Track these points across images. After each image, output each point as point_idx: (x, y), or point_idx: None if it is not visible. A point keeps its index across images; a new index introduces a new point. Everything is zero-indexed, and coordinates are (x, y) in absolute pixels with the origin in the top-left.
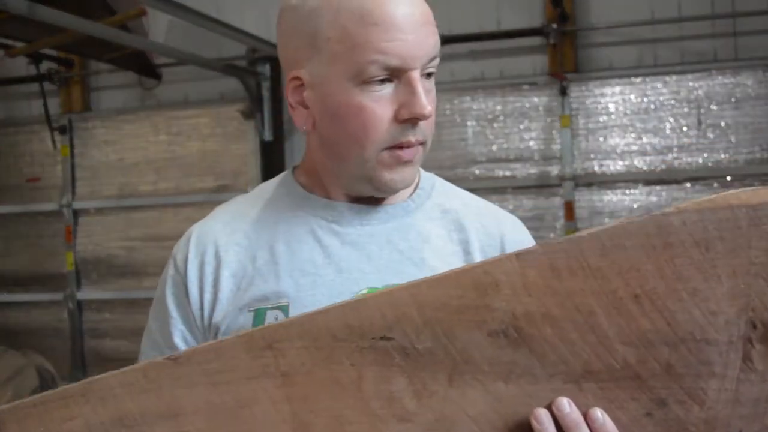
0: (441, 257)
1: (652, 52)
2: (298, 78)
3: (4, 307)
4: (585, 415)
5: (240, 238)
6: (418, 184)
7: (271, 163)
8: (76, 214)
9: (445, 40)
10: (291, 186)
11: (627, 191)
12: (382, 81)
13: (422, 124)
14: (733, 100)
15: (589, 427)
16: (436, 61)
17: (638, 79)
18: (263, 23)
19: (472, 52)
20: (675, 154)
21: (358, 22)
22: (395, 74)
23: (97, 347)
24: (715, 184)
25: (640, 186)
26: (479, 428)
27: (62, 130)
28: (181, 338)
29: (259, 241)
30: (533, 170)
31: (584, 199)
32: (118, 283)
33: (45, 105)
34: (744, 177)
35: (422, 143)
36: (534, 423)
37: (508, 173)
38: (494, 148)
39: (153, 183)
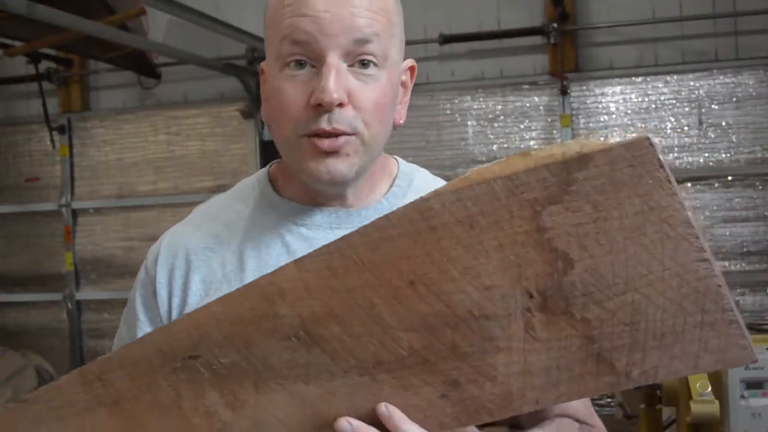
0: None
1: (652, 51)
2: (263, 70)
3: (3, 308)
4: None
5: (211, 242)
6: (394, 182)
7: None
8: (75, 214)
9: (446, 39)
10: (265, 187)
11: None
12: (300, 64)
13: (344, 111)
14: (734, 99)
15: (379, 424)
16: (370, 47)
17: (639, 79)
18: (262, 23)
19: (472, 52)
20: (676, 154)
21: (278, 4)
22: (312, 57)
23: (96, 347)
24: (716, 184)
25: None
26: (288, 430)
27: (61, 130)
28: None
29: (230, 246)
30: None
31: None
32: (117, 283)
33: (44, 104)
34: (745, 177)
35: (348, 134)
36: None
37: None
38: (494, 147)
39: (152, 183)
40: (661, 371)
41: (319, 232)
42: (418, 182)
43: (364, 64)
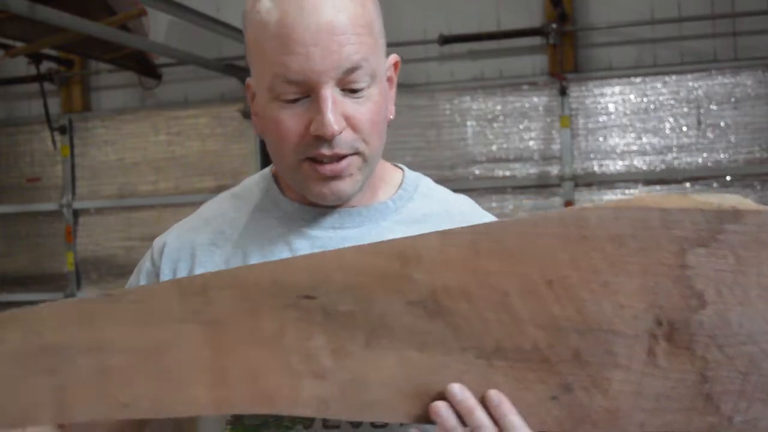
0: None
1: (651, 52)
2: (249, 86)
3: (5, 307)
4: (483, 395)
5: (217, 238)
6: (401, 185)
7: (271, 163)
8: (76, 213)
9: (445, 40)
10: (270, 185)
11: (627, 191)
12: (296, 98)
13: (343, 136)
14: (732, 100)
15: (487, 408)
16: (360, 74)
17: (638, 79)
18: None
19: (471, 52)
20: (674, 154)
21: (262, 35)
22: (306, 88)
23: None
24: (715, 184)
25: (639, 186)
26: (389, 392)
27: (62, 130)
28: None
29: (234, 243)
30: (533, 170)
31: (584, 199)
32: (118, 283)
33: (45, 105)
34: (743, 177)
35: (352, 154)
36: (435, 417)
37: (507, 173)
38: (494, 148)
39: (153, 183)
40: (762, 423)
41: (322, 231)
42: (423, 188)
43: (357, 89)
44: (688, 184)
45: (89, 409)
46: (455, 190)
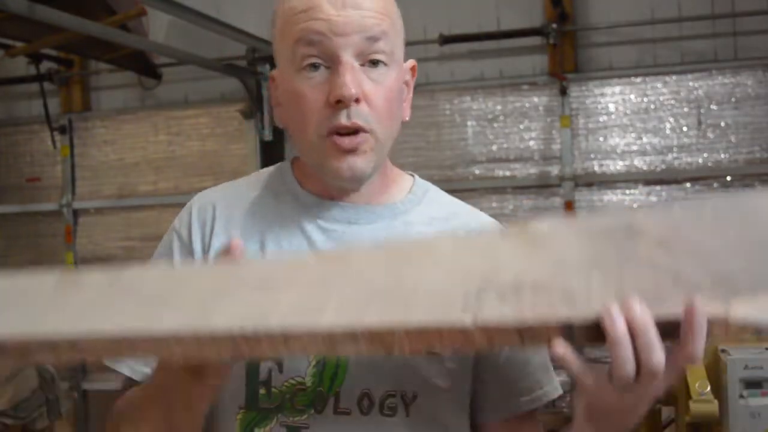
0: None
1: (651, 52)
2: (273, 78)
3: None
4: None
5: (234, 226)
6: (411, 189)
7: (271, 162)
8: (76, 214)
9: (445, 40)
10: (288, 179)
11: (627, 191)
12: (315, 66)
13: (360, 108)
14: (733, 100)
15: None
16: (380, 45)
17: (638, 79)
18: (263, 23)
19: (471, 52)
20: (675, 154)
21: (290, 13)
22: (326, 57)
23: None
24: (715, 184)
25: (640, 186)
26: None
27: (62, 130)
28: None
29: (251, 232)
30: (533, 170)
31: (584, 199)
32: None
33: (45, 105)
34: (744, 177)
35: (365, 130)
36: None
37: (508, 173)
38: (494, 148)
39: (153, 183)
40: None
41: (337, 225)
42: (431, 194)
43: (374, 63)
44: (688, 185)
45: None
46: (455, 190)
